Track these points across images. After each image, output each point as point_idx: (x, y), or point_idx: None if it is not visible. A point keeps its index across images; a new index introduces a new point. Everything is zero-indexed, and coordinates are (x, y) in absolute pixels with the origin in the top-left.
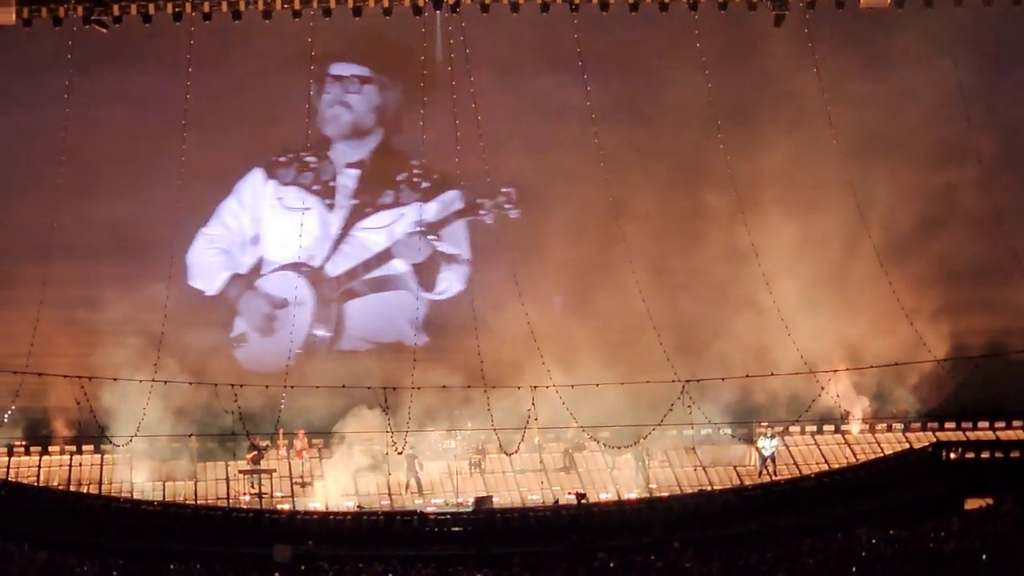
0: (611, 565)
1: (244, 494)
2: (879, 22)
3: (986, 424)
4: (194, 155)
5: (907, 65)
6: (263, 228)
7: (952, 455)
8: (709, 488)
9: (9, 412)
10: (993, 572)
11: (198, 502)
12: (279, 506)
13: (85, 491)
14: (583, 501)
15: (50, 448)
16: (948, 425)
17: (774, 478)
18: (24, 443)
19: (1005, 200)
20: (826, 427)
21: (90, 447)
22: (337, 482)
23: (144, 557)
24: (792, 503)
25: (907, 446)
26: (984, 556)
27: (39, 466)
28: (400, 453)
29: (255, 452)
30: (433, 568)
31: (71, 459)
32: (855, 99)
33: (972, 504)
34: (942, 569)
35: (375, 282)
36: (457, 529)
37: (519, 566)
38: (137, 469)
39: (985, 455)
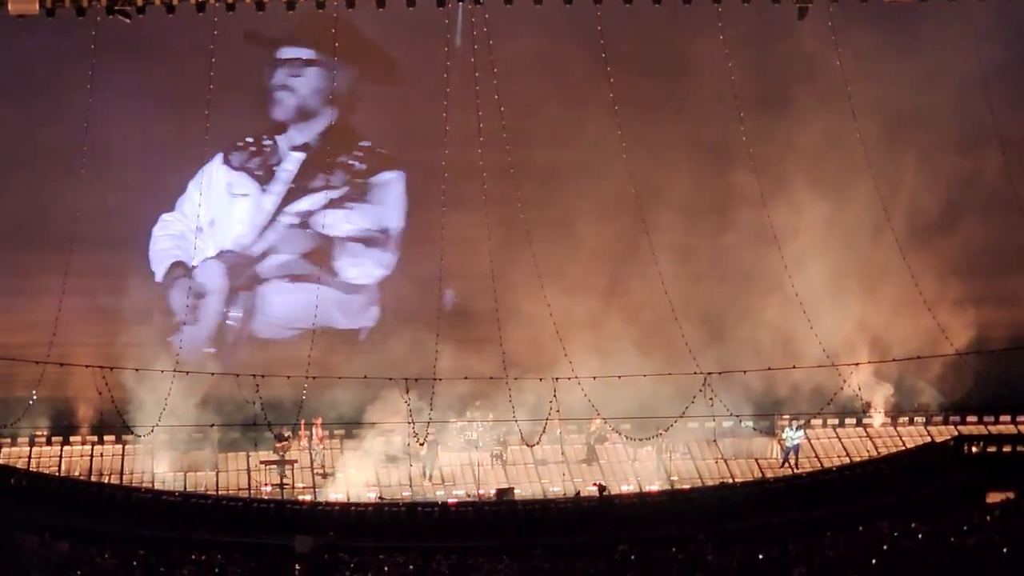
0: (632, 557)
1: (266, 484)
2: (910, 5)
3: (1008, 418)
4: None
5: (940, 46)
6: (214, 215)
7: (974, 449)
8: (731, 481)
9: (31, 402)
10: (1014, 566)
11: (220, 492)
12: (300, 497)
13: (107, 481)
14: (604, 493)
15: (71, 438)
16: (970, 419)
17: (796, 470)
18: (45, 433)
19: None
20: (848, 420)
21: (112, 437)
22: (359, 473)
23: (165, 547)
24: (813, 496)
25: (929, 439)
26: (1005, 550)
27: (60, 456)
28: (422, 444)
29: (283, 442)
30: (454, 559)
31: (92, 449)
32: (887, 79)
33: (994, 498)
34: (963, 563)
35: (284, 268)
36: (478, 520)
37: (540, 558)
38: (159, 459)
39: (1007, 449)
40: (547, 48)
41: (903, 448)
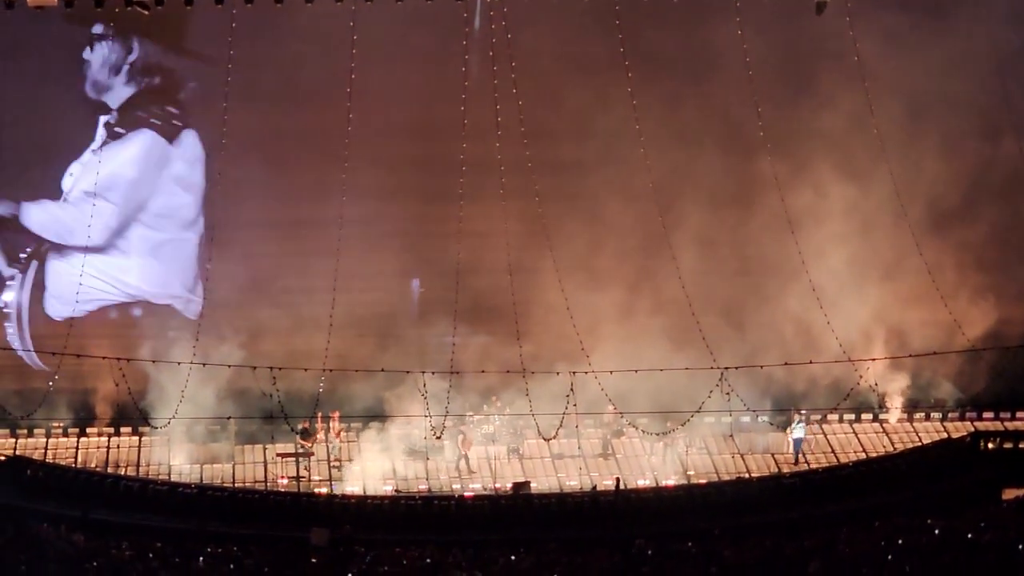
0: (648, 552)
1: (282, 477)
2: None
3: None
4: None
5: (965, 30)
6: None
7: (990, 445)
8: (747, 476)
9: (47, 394)
10: None
11: (236, 485)
12: (317, 489)
13: (123, 473)
14: (621, 487)
15: (88, 430)
16: (986, 415)
17: (809, 465)
18: (62, 425)
19: None
20: (864, 416)
21: (128, 428)
22: (376, 465)
23: (181, 539)
24: (829, 491)
25: (945, 435)
26: (1021, 546)
27: (77, 447)
28: (439, 438)
29: (308, 439)
30: (470, 552)
31: (109, 440)
32: (910, 63)
33: (1010, 494)
34: (979, 559)
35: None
36: (494, 514)
37: (556, 551)
38: (175, 451)
39: (1023, 445)
40: (566, 38)
41: (919, 444)
